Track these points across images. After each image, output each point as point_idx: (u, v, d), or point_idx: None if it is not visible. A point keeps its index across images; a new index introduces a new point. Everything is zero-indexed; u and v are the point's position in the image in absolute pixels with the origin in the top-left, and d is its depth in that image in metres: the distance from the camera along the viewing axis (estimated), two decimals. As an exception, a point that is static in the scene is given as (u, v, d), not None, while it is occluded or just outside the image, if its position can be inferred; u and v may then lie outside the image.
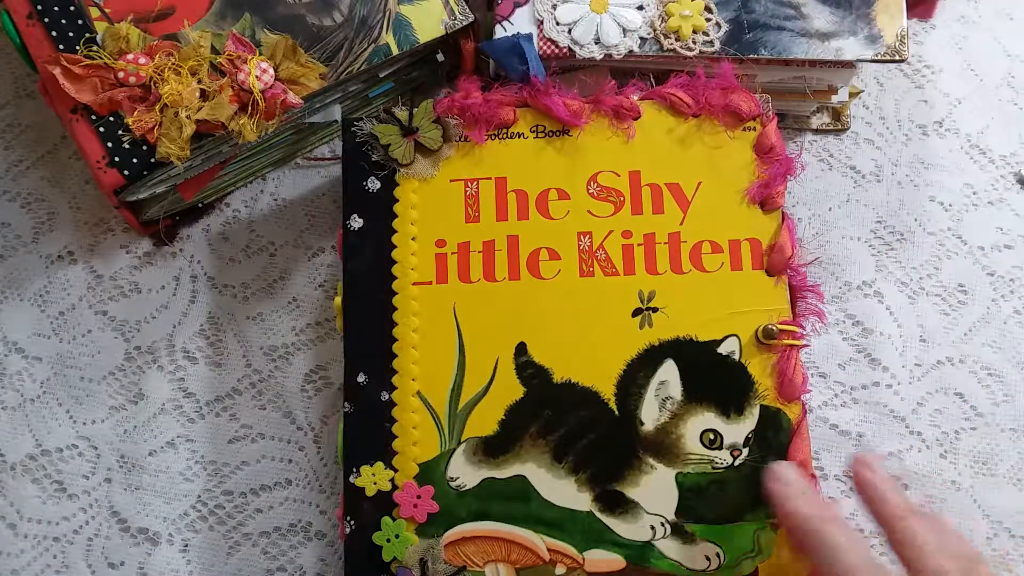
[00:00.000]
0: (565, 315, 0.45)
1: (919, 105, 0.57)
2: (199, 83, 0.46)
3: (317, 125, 0.52)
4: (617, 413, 0.44)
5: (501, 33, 0.50)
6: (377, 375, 0.45)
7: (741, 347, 0.45)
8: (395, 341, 0.45)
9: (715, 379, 0.45)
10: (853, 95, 0.55)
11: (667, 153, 0.47)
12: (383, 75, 0.52)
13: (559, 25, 0.50)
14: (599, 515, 0.43)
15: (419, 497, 0.43)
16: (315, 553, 0.49)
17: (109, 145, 0.46)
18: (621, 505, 0.43)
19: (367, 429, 0.45)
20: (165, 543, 0.49)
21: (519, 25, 0.50)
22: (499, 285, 0.46)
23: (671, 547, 0.43)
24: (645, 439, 0.44)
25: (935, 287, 0.54)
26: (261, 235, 0.54)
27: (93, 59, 0.46)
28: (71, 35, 0.47)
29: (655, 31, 0.50)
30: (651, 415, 0.44)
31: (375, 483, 0.44)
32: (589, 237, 0.46)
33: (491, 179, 0.47)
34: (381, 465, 0.44)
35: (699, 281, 0.46)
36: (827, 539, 0.38)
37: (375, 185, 0.47)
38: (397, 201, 0.47)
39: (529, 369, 0.45)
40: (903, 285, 0.54)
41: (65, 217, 0.54)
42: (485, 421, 0.44)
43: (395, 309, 0.46)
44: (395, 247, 0.46)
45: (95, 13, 0.48)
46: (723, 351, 0.45)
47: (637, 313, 0.45)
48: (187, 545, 0.49)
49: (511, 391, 0.45)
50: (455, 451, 0.44)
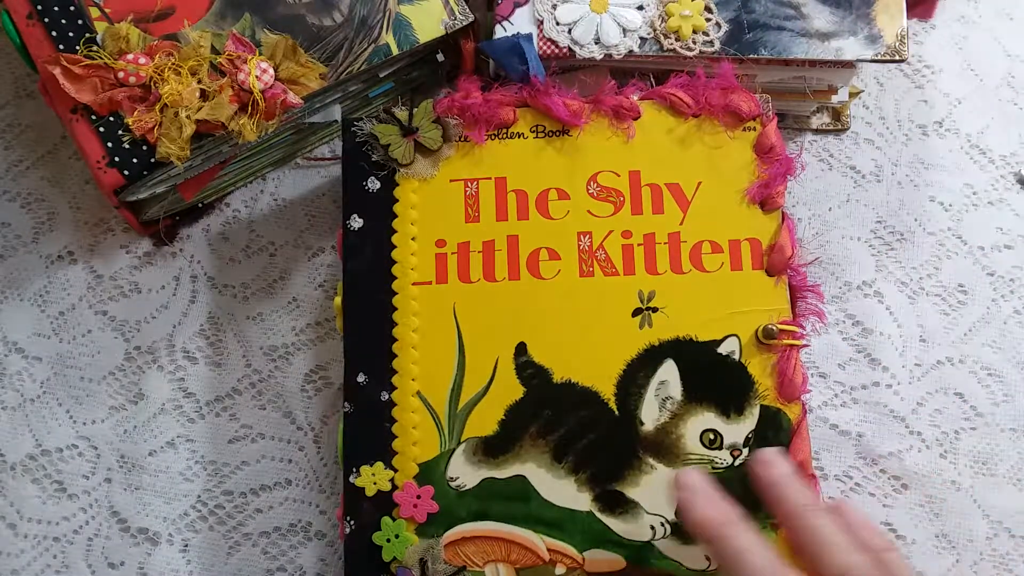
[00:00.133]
0: (565, 315, 0.45)
1: (919, 105, 0.57)
2: (199, 83, 0.46)
3: (317, 125, 0.52)
4: (617, 413, 0.44)
5: (501, 33, 0.50)
6: (377, 375, 0.45)
7: (741, 347, 0.45)
8: (395, 341, 0.45)
9: (715, 379, 0.45)
10: (853, 95, 0.55)
11: (667, 153, 0.47)
12: (383, 75, 0.52)
13: (559, 25, 0.50)
14: (599, 515, 0.43)
15: (419, 497, 0.43)
16: (315, 553, 0.49)
17: (109, 145, 0.46)
18: (621, 505, 0.43)
19: (367, 429, 0.45)
20: (165, 543, 0.49)
21: (519, 25, 0.50)
22: (499, 285, 0.46)
23: (671, 547, 0.43)
24: (645, 439, 0.44)
25: (935, 287, 0.54)
26: (261, 235, 0.54)
27: (93, 59, 0.46)
28: (71, 35, 0.47)
29: (655, 31, 0.50)
30: (651, 415, 0.44)
31: (375, 483, 0.44)
32: (589, 237, 0.46)
33: (491, 179, 0.47)
34: (381, 465, 0.44)
35: (699, 281, 0.46)
36: (730, 544, 0.37)
37: (375, 185, 0.47)
38: (397, 201, 0.47)
39: (529, 369, 0.45)
40: (903, 285, 0.54)
41: (65, 217, 0.54)
42: (485, 421, 0.44)
43: (395, 309, 0.46)
44: (395, 247, 0.46)
45: (95, 13, 0.48)
46: (723, 351, 0.45)
47: (637, 313, 0.45)
48: (187, 545, 0.49)
49: (511, 391, 0.45)
50: (455, 451, 0.44)
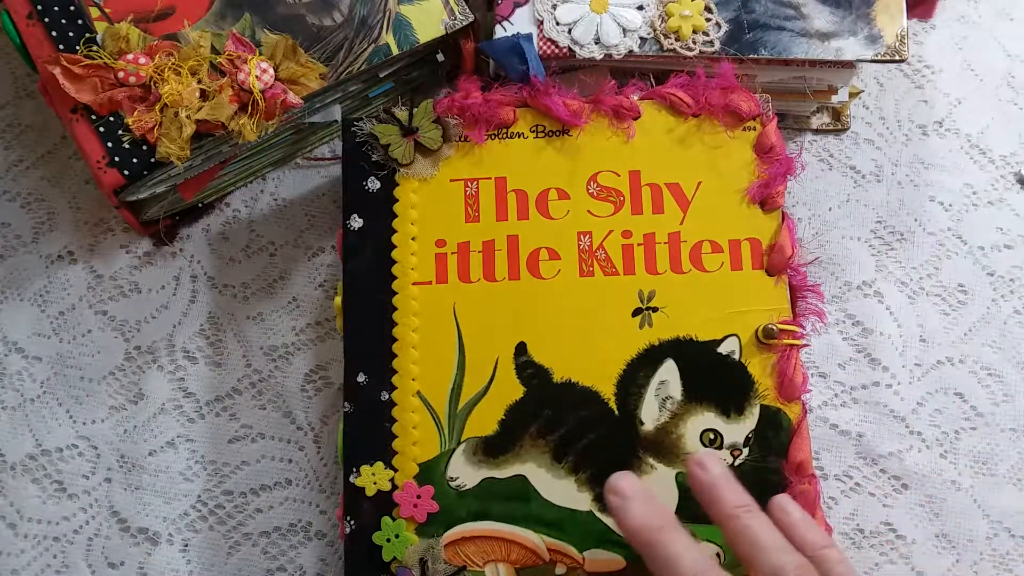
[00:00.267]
0: (565, 315, 0.45)
1: (919, 105, 0.57)
2: (199, 83, 0.46)
3: (317, 125, 0.52)
4: (617, 413, 0.44)
5: (501, 33, 0.50)
6: (377, 375, 0.45)
7: (741, 347, 0.45)
8: (395, 341, 0.45)
9: (715, 379, 0.45)
10: (853, 95, 0.55)
11: (667, 153, 0.47)
12: (383, 75, 0.52)
13: (559, 25, 0.50)
14: (599, 515, 0.43)
15: (419, 497, 0.43)
16: (315, 553, 0.49)
17: (109, 145, 0.46)
18: (621, 505, 0.43)
19: (367, 429, 0.44)
20: (165, 543, 0.49)
21: (519, 25, 0.50)
22: (499, 285, 0.46)
23: (671, 547, 0.43)
24: (645, 439, 0.44)
25: (935, 287, 0.54)
26: (261, 235, 0.54)
27: (93, 59, 0.46)
28: (71, 35, 0.47)
29: (655, 31, 0.50)
30: (651, 415, 0.44)
31: (375, 483, 0.44)
32: (589, 237, 0.46)
33: (491, 179, 0.47)
34: (381, 465, 0.44)
35: (699, 281, 0.46)
36: (662, 550, 0.36)
37: (375, 185, 0.47)
38: (397, 201, 0.47)
39: (529, 369, 0.45)
40: (903, 285, 0.54)
41: (65, 217, 0.54)
42: (485, 421, 0.44)
43: (395, 309, 0.45)
44: (395, 247, 0.46)
45: (95, 13, 0.48)
46: (723, 351, 0.45)
47: (637, 313, 0.45)
48: (187, 545, 0.49)
49: (511, 391, 0.45)
50: (455, 451, 0.44)
